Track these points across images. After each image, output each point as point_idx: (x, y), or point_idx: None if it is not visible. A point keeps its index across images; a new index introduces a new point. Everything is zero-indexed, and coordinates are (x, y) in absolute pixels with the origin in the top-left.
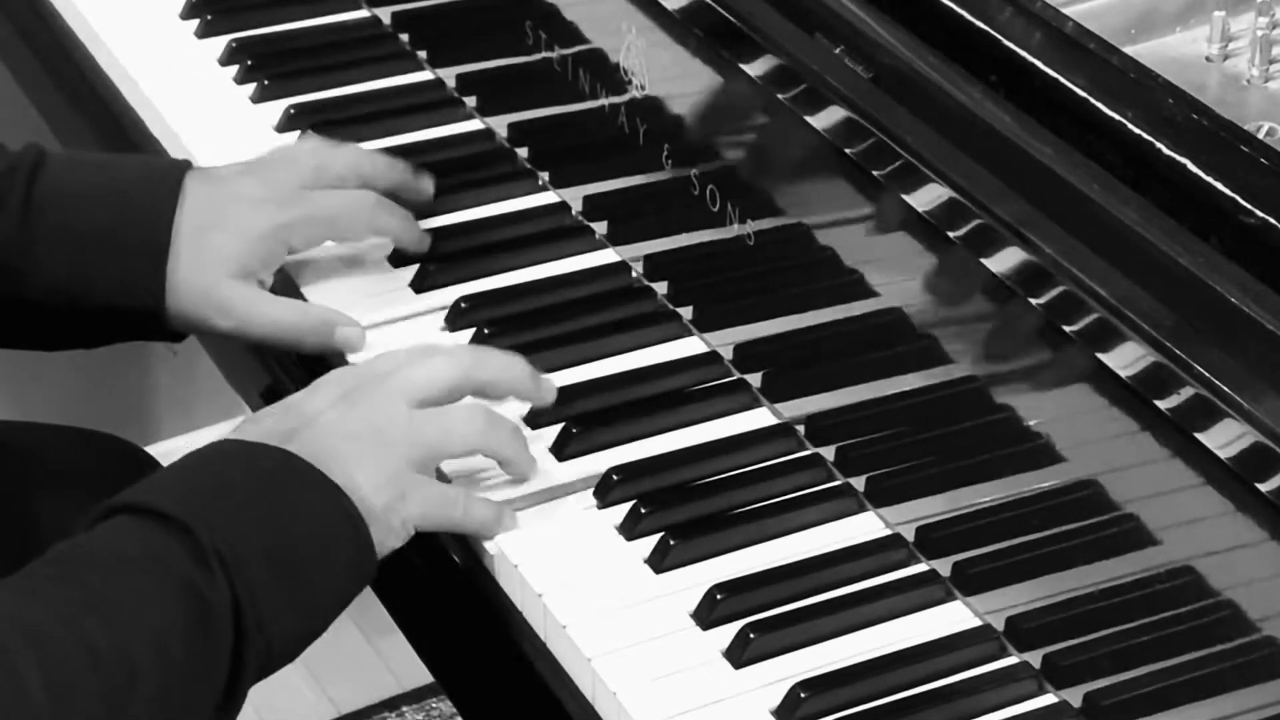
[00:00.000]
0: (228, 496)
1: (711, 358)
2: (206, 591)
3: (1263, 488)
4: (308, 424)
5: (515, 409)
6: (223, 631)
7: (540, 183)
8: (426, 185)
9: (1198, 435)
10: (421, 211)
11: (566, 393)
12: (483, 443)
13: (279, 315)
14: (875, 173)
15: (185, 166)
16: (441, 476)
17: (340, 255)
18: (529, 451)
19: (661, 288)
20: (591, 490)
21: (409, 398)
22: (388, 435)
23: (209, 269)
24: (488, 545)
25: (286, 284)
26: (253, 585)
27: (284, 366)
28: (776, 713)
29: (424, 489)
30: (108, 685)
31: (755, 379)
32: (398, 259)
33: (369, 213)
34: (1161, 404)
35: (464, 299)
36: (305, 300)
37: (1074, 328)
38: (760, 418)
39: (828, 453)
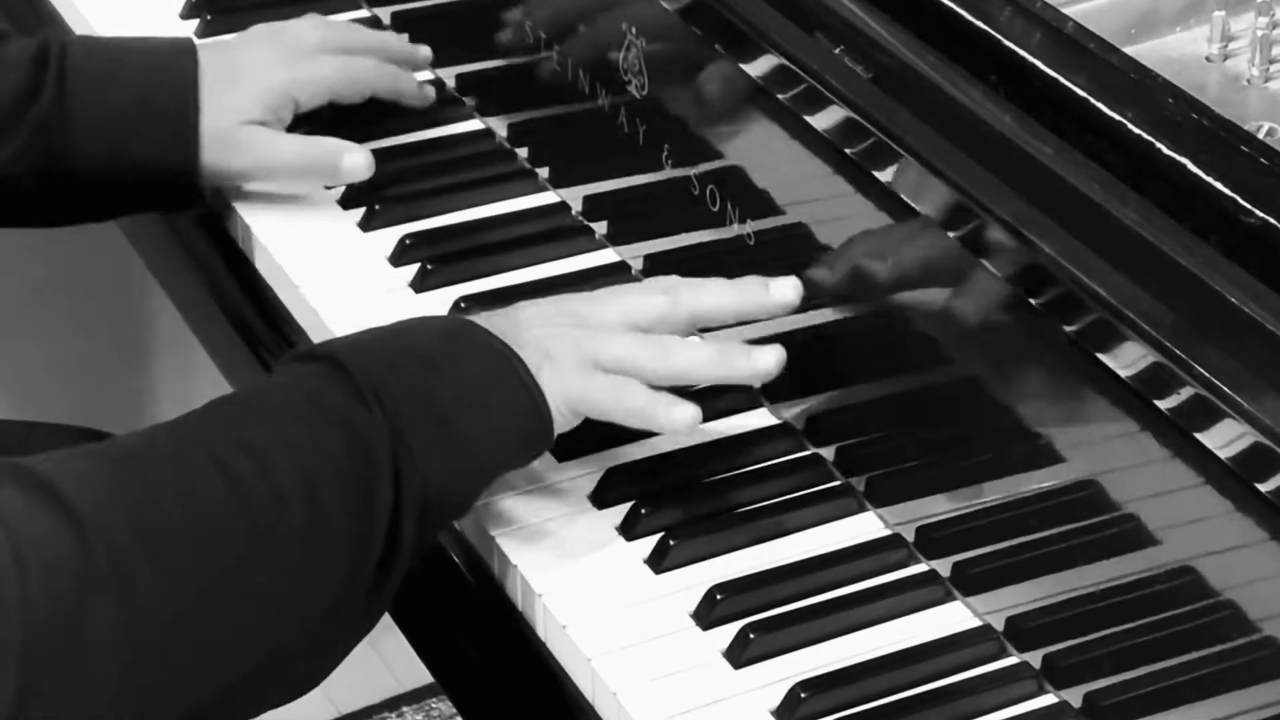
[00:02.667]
0: (396, 347)
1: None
2: (366, 431)
3: (1263, 488)
4: (508, 312)
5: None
6: (382, 472)
7: (540, 182)
8: (423, 52)
9: (1198, 435)
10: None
11: None
12: (714, 373)
13: (290, 147)
14: (875, 173)
15: (193, 41)
16: None
17: (339, 257)
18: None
19: None
20: (591, 491)
21: (620, 320)
22: (583, 320)
23: (226, 116)
24: (486, 546)
25: (283, 282)
26: (404, 423)
27: None
28: (776, 713)
29: (595, 373)
30: (256, 523)
31: None
32: (398, 259)
33: (369, 74)
34: (1161, 404)
35: (464, 299)
36: (306, 298)
37: (1074, 328)
38: (760, 418)
39: (828, 453)
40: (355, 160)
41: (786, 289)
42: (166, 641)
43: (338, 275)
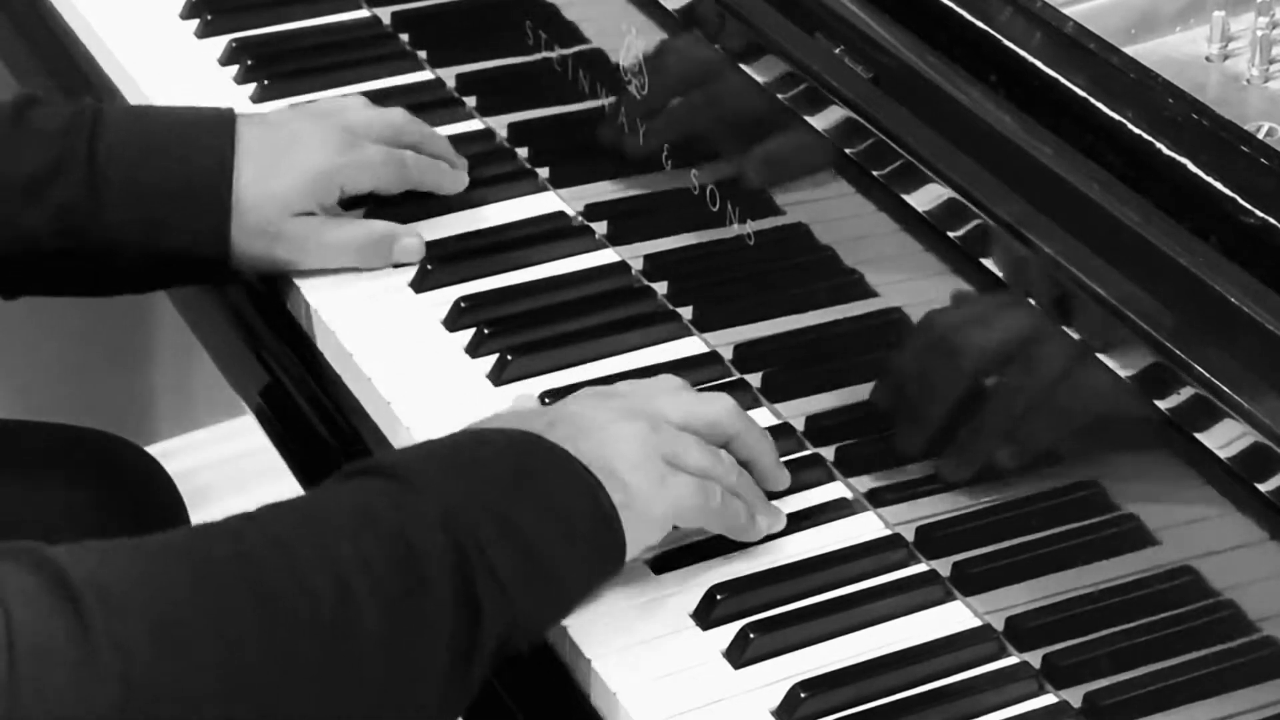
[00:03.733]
0: (463, 463)
1: (711, 358)
2: (419, 544)
3: (1263, 488)
4: (566, 418)
5: None
6: (438, 591)
7: (540, 182)
8: (460, 180)
9: (1198, 435)
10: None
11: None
12: (737, 439)
13: (339, 237)
14: (875, 173)
15: (233, 113)
16: None
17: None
18: (777, 460)
19: (661, 288)
20: None
21: (673, 420)
22: (651, 420)
23: (269, 208)
24: None
25: (285, 282)
26: (486, 546)
27: (282, 365)
28: (776, 713)
29: (679, 476)
30: (273, 626)
31: (755, 379)
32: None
33: (413, 168)
34: (1161, 404)
35: (464, 299)
36: (304, 298)
37: (1074, 328)
38: (760, 418)
39: (828, 453)
40: (409, 244)
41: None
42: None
43: (336, 275)
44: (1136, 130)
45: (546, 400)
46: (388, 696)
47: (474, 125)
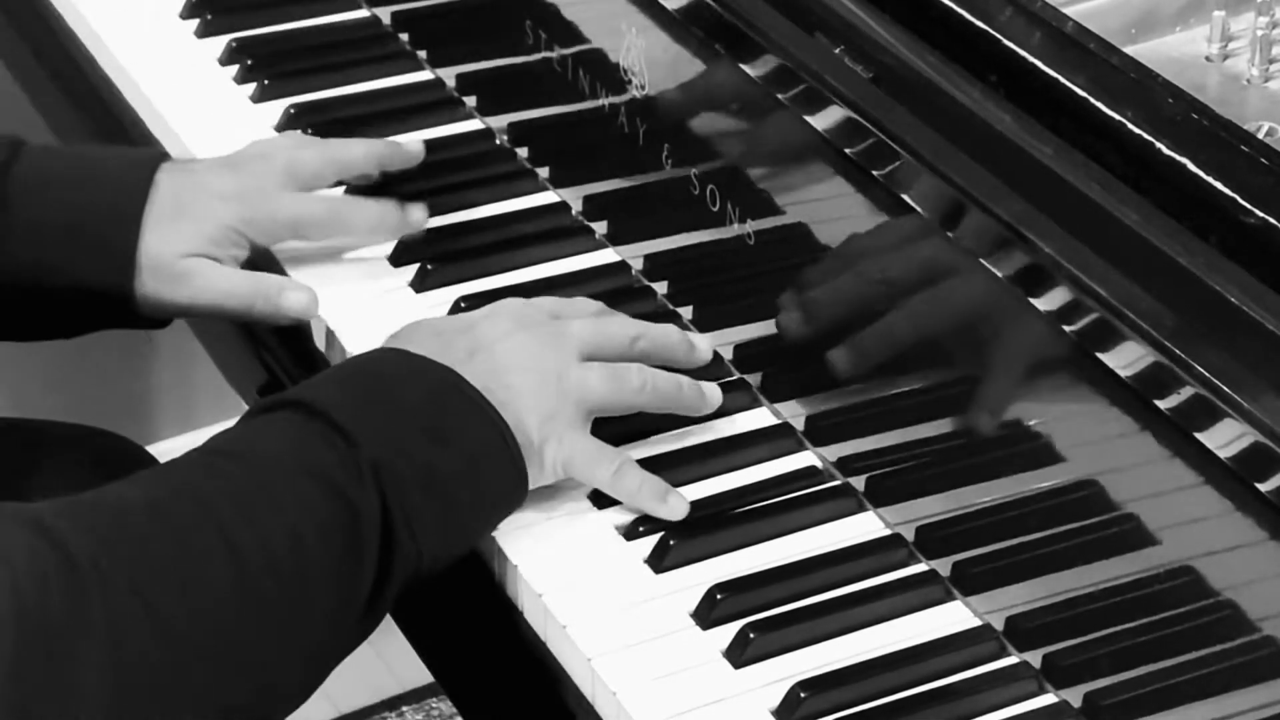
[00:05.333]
0: (393, 409)
1: (711, 358)
2: (356, 500)
3: (1263, 488)
4: (485, 350)
5: None
6: (368, 540)
7: (540, 182)
8: (413, 149)
9: (1198, 435)
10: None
11: None
12: (649, 400)
13: (230, 282)
14: (875, 173)
15: (161, 157)
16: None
17: (340, 256)
18: (699, 391)
19: (661, 288)
20: (590, 491)
21: (581, 349)
22: (561, 381)
23: (170, 247)
24: (487, 546)
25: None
26: (407, 499)
27: (282, 365)
28: (776, 713)
29: (581, 439)
30: (239, 574)
31: (755, 379)
32: (398, 258)
33: (336, 219)
34: (1161, 404)
35: (464, 299)
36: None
37: (1074, 328)
38: (760, 418)
39: (828, 453)
40: (296, 298)
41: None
42: (156, 683)
43: (338, 275)
44: (1136, 130)
45: (464, 305)
46: (325, 631)
47: (474, 125)
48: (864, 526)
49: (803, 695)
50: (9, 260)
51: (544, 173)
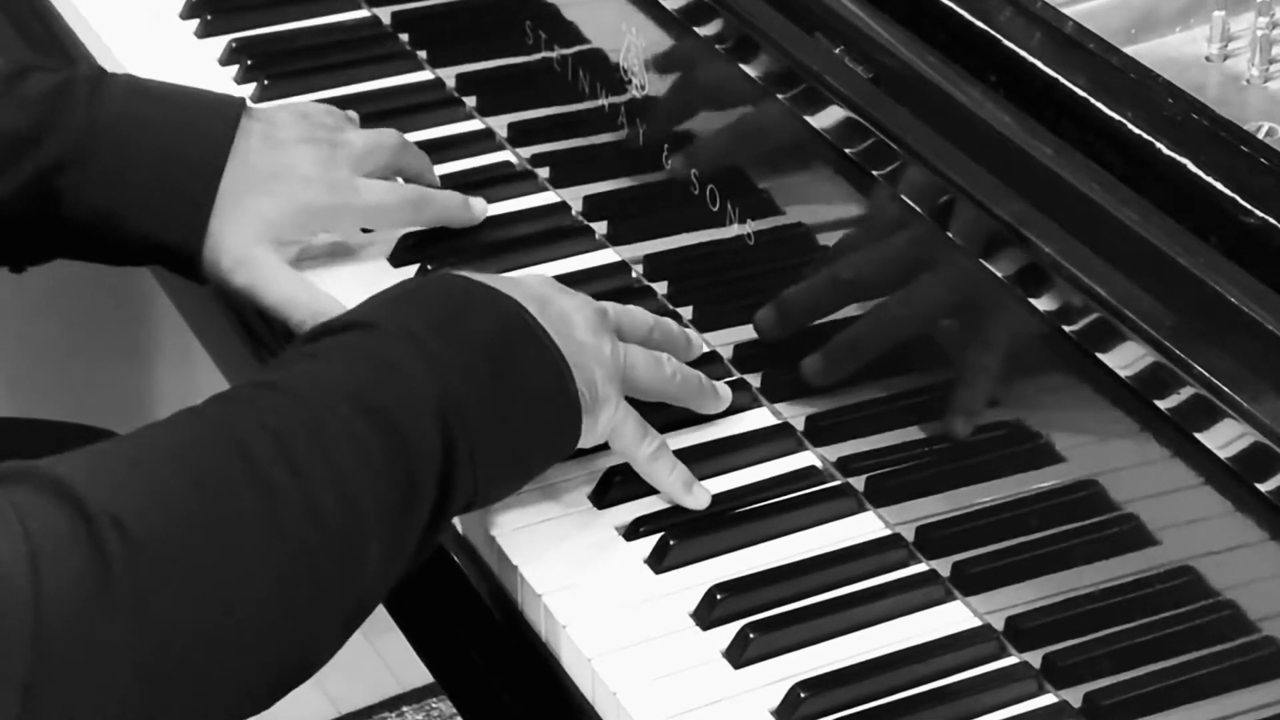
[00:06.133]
0: (463, 337)
1: (711, 358)
2: (416, 443)
3: (1263, 488)
4: (548, 301)
5: None
6: (424, 485)
7: (540, 182)
8: (477, 210)
9: (1198, 435)
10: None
11: None
12: (677, 390)
13: (284, 290)
14: (875, 173)
15: (242, 106)
16: None
17: (341, 257)
18: (715, 390)
19: (661, 288)
20: (591, 491)
21: (616, 327)
22: (615, 353)
23: (245, 226)
24: (487, 547)
25: None
26: (473, 432)
27: None
28: (776, 713)
29: (632, 411)
30: (278, 525)
31: (755, 379)
32: (398, 259)
33: (408, 210)
34: (1161, 404)
35: None
36: None
37: (1074, 328)
38: (760, 418)
39: (828, 453)
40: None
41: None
42: (189, 653)
43: (338, 275)
44: (1136, 130)
45: None
46: (359, 582)
47: (474, 125)
48: (864, 526)
49: (803, 695)
50: (81, 194)
51: (544, 173)
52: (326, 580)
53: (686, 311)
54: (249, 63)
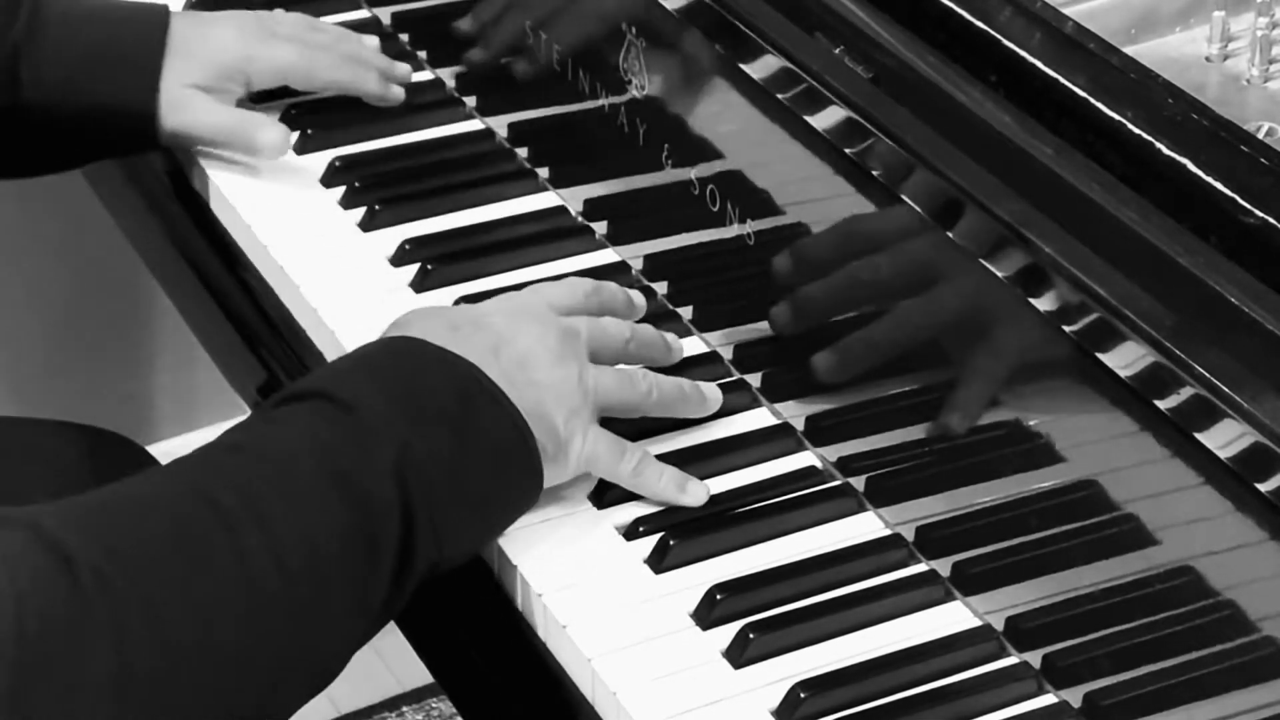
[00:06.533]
0: (419, 404)
1: (711, 358)
2: (376, 504)
3: (1263, 488)
4: (506, 345)
5: None
6: (386, 546)
7: (540, 182)
8: (400, 69)
9: (1198, 435)
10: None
11: None
12: (655, 404)
13: (215, 116)
14: (875, 173)
15: (166, 6)
16: None
17: (340, 257)
18: (700, 394)
19: (661, 288)
20: (591, 490)
21: (589, 347)
22: (582, 379)
23: (174, 76)
24: (486, 546)
25: (284, 282)
26: (433, 498)
27: (281, 364)
28: (776, 713)
29: (603, 434)
30: (248, 579)
31: (755, 379)
32: (398, 259)
33: (327, 67)
34: (1161, 404)
35: (464, 299)
36: (306, 298)
37: (1074, 328)
38: (760, 418)
39: (828, 453)
40: (271, 136)
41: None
42: (159, 691)
43: (338, 276)
44: (1136, 130)
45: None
46: (338, 635)
47: (474, 125)
48: (864, 526)
49: (803, 695)
50: (41, 76)
51: (544, 173)
52: (289, 627)
53: (686, 311)
54: None
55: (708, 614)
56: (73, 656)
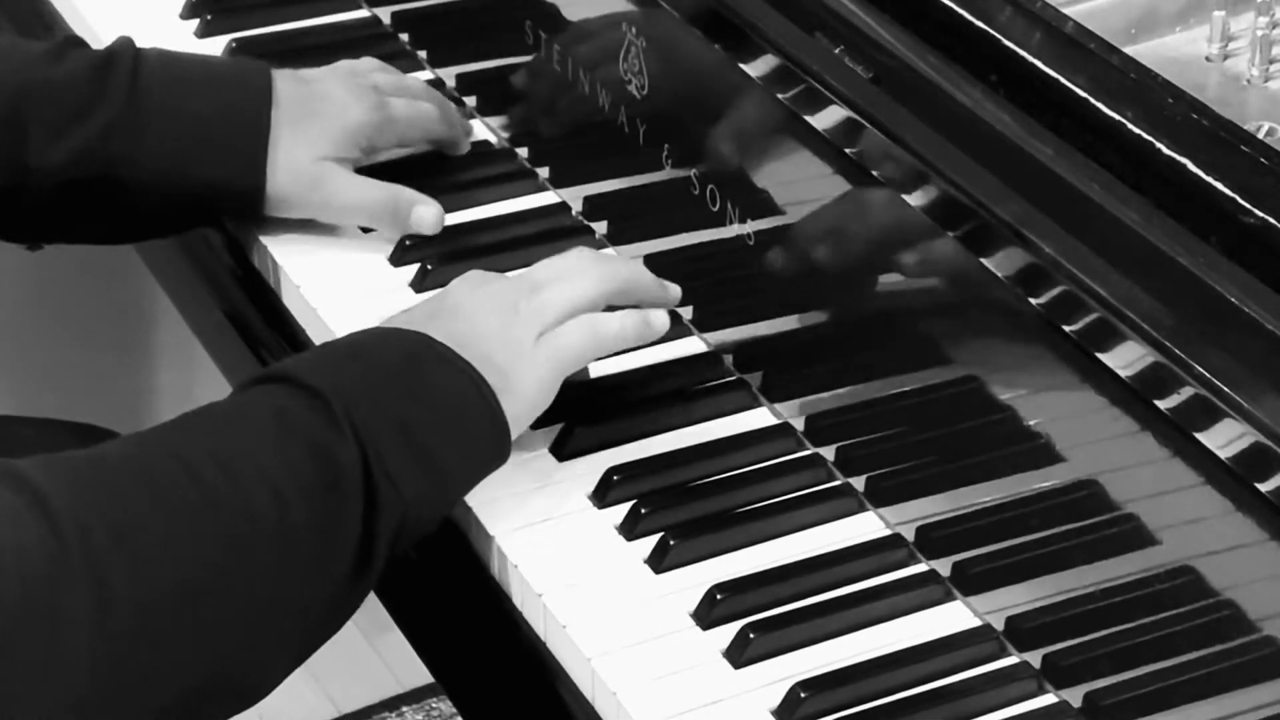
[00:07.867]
0: (369, 371)
1: (712, 358)
2: (335, 452)
3: (1263, 488)
4: (450, 308)
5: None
6: (350, 493)
7: (540, 182)
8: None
9: (1198, 435)
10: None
11: (564, 392)
12: (625, 341)
13: (365, 191)
14: (875, 173)
15: (268, 65)
16: None
17: (340, 256)
18: (660, 289)
19: None
20: (591, 490)
21: (557, 311)
22: (518, 308)
23: (304, 148)
24: (486, 546)
25: (284, 281)
26: (385, 450)
27: None
28: (776, 713)
29: (546, 344)
30: (222, 526)
31: (755, 379)
32: (398, 259)
33: (433, 122)
34: (1161, 404)
35: None
36: (306, 298)
37: (1074, 328)
38: (760, 418)
39: (828, 453)
40: (426, 213)
41: (663, 319)
42: (137, 636)
43: (338, 275)
44: (1136, 130)
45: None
46: (312, 587)
47: (473, 125)
48: (864, 526)
49: (803, 695)
50: (144, 152)
51: (544, 173)
52: (263, 570)
53: (686, 311)
54: None
55: (708, 614)
56: (53, 595)
